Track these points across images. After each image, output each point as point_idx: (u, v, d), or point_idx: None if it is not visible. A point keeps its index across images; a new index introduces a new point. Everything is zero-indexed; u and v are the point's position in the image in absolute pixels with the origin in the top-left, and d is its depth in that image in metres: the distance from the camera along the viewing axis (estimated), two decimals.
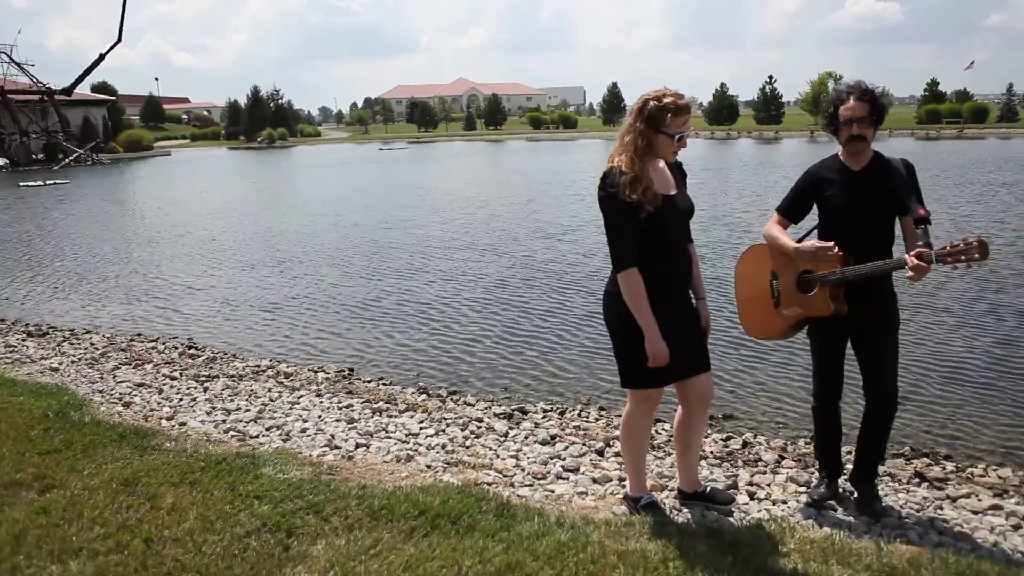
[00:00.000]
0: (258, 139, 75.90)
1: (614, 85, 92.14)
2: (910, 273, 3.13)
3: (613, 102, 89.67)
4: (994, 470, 4.56)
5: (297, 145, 75.31)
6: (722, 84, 78.93)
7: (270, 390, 6.12)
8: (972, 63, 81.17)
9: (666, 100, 3.05)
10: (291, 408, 5.61)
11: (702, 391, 3.34)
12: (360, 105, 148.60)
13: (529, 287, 10.12)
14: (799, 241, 3.61)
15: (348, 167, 40.75)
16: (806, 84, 73.73)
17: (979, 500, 3.95)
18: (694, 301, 3.38)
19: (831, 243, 3.32)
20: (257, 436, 4.95)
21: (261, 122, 79.39)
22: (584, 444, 4.73)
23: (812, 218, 3.66)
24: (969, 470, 4.55)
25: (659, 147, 3.11)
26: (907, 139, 54.16)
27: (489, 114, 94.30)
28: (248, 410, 5.53)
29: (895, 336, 3.53)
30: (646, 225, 3.06)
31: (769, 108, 76.06)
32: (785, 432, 5.27)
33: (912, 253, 3.15)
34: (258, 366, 7.09)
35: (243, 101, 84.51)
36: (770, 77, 76.60)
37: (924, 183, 3.43)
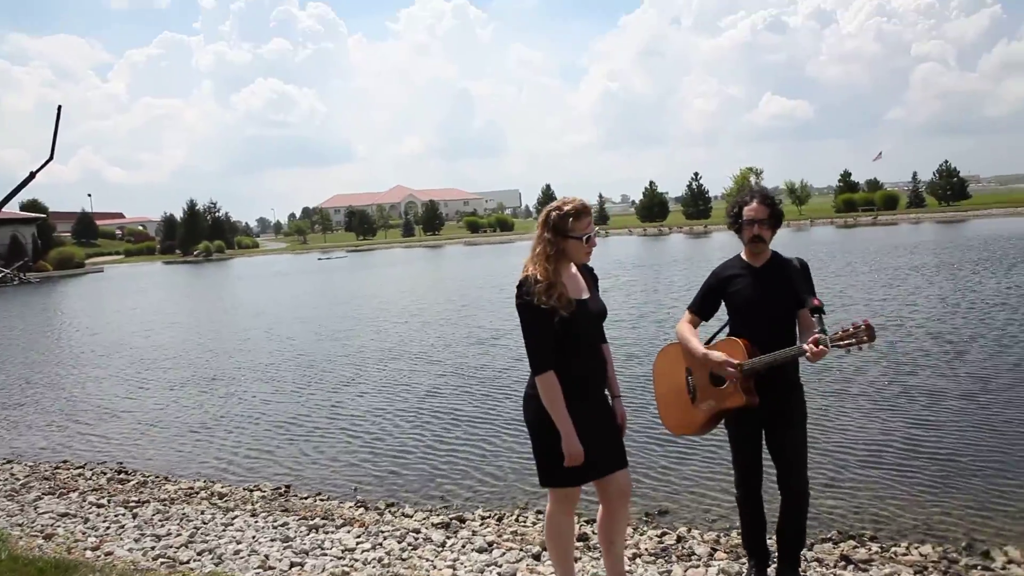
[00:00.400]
0: (194, 252, 75.27)
1: (548, 187, 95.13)
2: (810, 357, 3.42)
3: (548, 204, 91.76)
4: (916, 547, 4.76)
5: (235, 257, 74.82)
6: (651, 182, 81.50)
7: (203, 512, 5.99)
8: (880, 154, 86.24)
9: (566, 207, 3.34)
10: (224, 530, 5.50)
11: (621, 487, 3.46)
12: (298, 215, 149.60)
13: (462, 394, 10.15)
14: (715, 334, 3.89)
15: (286, 278, 40.56)
16: (729, 179, 77.06)
17: None
18: (610, 400, 3.54)
19: (735, 361, 3.57)
20: (188, 561, 4.84)
21: (198, 235, 78.97)
22: (521, 549, 4.77)
23: (724, 313, 3.92)
24: (893, 549, 4.73)
25: (570, 251, 3.36)
26: (829, 227, 56.98)
27: (427, 220, 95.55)
28: (179, 534, 5.40)
29: (803, 431, 3.76)
30: (561, 329, 3.26)
31: (697, 203, 78.90)
32: (718, 524, 5.38)
33: (810, 340, 3.45)
34: (191, 488, 6.92)
35: (179, 215, 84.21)
36: (696, 174, 79.57)
37: (843, 270, 3.78)
